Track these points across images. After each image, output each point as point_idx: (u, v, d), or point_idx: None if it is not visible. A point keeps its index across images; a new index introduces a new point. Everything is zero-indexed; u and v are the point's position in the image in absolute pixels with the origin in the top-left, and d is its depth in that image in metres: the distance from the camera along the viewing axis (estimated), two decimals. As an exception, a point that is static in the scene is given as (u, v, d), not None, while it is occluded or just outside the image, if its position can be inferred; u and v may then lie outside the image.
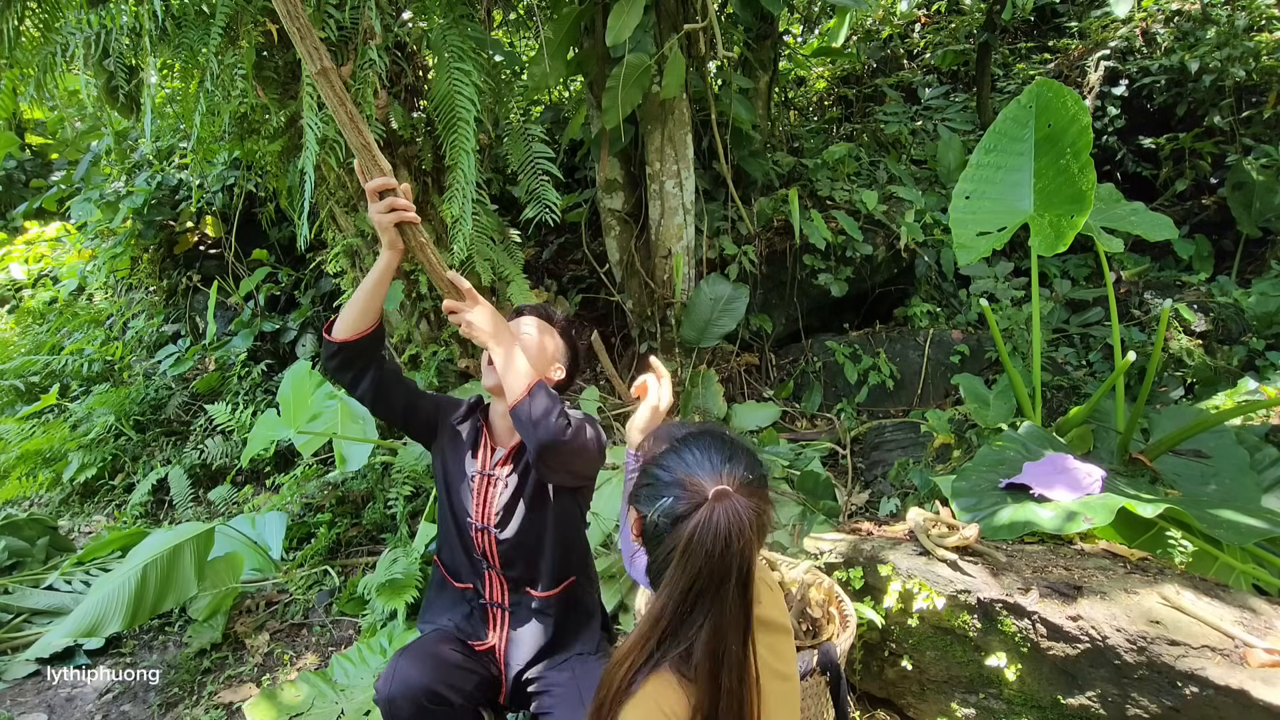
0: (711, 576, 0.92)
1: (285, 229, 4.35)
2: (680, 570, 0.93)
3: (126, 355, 4.58)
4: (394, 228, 1.48)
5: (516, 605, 1.71)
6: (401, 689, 1.54)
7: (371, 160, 1.43)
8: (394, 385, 1.69)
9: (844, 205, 4.13)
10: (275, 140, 2.99)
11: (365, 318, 1.58)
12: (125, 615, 2.23)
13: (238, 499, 3.60)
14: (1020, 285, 4.13)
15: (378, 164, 1.44)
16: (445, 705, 1.56)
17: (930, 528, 1.91)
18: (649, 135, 3.43)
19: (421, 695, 1.54)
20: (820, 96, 6.16)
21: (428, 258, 1.51)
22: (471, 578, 1.73)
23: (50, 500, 3.99)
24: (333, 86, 1.35)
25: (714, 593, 0.92)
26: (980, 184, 2.69)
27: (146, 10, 2.45)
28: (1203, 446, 2.40)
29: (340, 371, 1.64)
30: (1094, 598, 1.56)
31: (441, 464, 1.76)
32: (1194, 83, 4.48)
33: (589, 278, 4.10)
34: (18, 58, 2.69)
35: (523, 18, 4.24)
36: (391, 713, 1.56)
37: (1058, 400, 3.56)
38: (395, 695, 1.54)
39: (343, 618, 2.67)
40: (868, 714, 1.97)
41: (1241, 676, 1.34)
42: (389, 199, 1.46)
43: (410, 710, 1.54)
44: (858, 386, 3.86)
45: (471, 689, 1.63)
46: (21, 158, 6.65)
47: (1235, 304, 3.82)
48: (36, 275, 5.64)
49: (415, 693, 1.54)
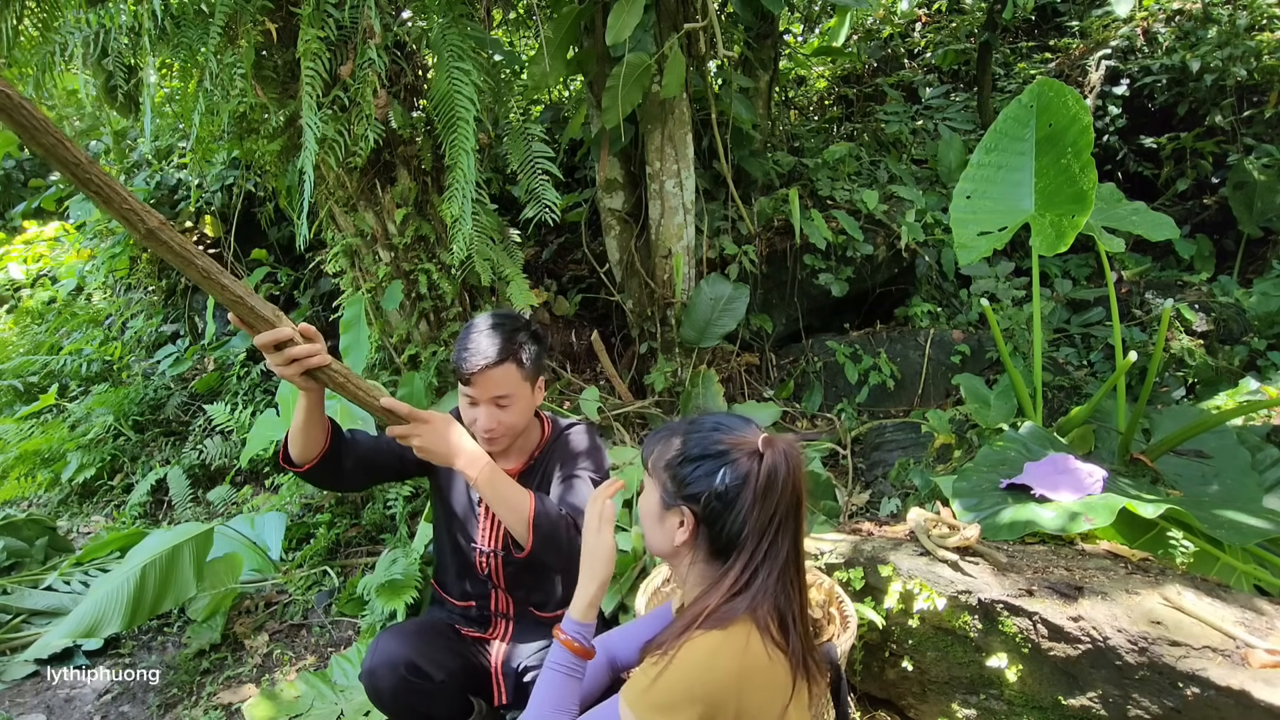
0: (790, 504, 1.08)
1: (284, 229, 4.35)
2: (760, 511, 1.07)
3: (125, 355, 4.57)
4: (301, 376, 1.27)
5: (520, 618, 1.70)
6: (383, 659, 1.53)
7: (250, 312, 1.18)
8: (376, 459, 1.61)
9: (844, 205, 4.13)
10: (274, 140, 2.99)
11: (312, 444, 1.46)
12: (124, 616, 2.23)
13: (237, 499, 3.59)
14: (1021, 285, 4.13)
15: (259, 314, 1.19)
16: (427, 680, 1.55)
17: (931, 528, 1.90)
18: (649, 135, 3.43)
19: (401, 666, 1.52)
20: (821, 96, 6.15)
21: (354, 394, 1.31)
22: (474, 597, 1.73)
23: (49, 500, 3.98)
24: (170, 243, 1.09)
25: (794, 515, 1.10)
26: (981, 184, 2.69)
27: (145, 9, 2.45)
28: (1204, 447, 2.40)
29: (321, 486, 1.61)
30: (1095, 598, 1.56)
31: (441, 493, 1.73)
32: (1195, 82, 4.47)
33: (589, 278, 4.09)
34: (16, 57, 2.68)
35: (522, 17, 4.24)
36: (373, 685, 1.54)
37: (1059, 400, 3.56)
38: (376, 666, 1.53)
39: (342, 618, 2.67)
40: (868, 714, 1.96)
41: (1243, 677, 1.33)
42: (285, 350, 1.22)
43: (391, 681, 1.52)
44: (858, 386, 3.86)
45: (455, 669, 1.61)
46: (20, 157, 6.64)
47: (1237, 304, 3.82)
48: (35, 275, 5.63)
49: (396, 663, 1.52)
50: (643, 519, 1.20)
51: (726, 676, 1.01)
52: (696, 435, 1.14)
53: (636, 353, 3.78)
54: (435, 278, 3.18)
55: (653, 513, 1.17)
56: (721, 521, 1.10)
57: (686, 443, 1.14)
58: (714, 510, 1.10)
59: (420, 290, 3.20)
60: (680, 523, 1.13)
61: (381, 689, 1.54)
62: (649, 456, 1.19)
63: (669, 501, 1.13)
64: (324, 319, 4.29)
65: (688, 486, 1.11)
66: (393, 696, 1.55)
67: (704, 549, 1.13)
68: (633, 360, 3.81)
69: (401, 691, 1.54)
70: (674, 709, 0.99)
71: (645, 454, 1.20)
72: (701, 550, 1.14)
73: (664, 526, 1.15)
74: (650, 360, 3.70)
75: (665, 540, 1.15)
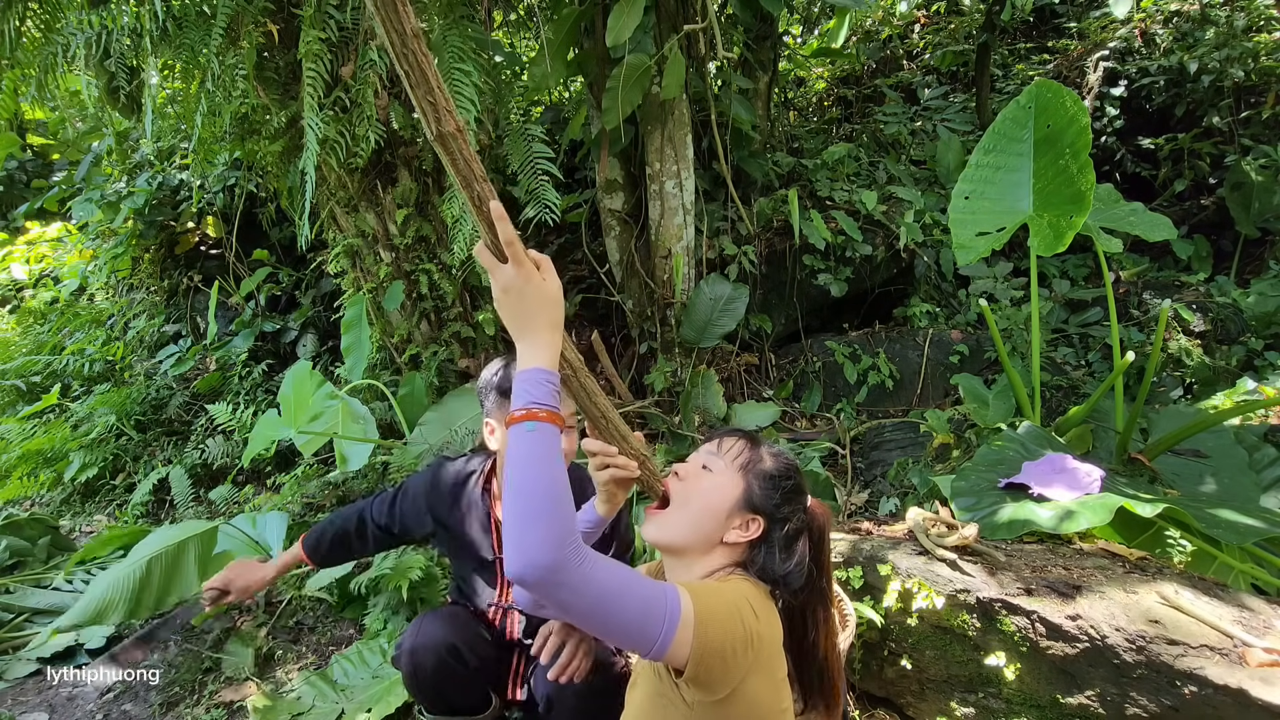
0: (826, 558, 1.23)
1: (286, 229, 4.36)
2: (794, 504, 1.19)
3: (128, 355, 4.58)
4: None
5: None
6: (426, 640, 1.60)
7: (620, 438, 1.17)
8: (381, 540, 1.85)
9: (844, 205, 4.14)
10: (276, 141, 3.00)
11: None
12: (128, 605, 2.23)
13: (239, 499, 3.60)
14: (1019, 285, 4.14)
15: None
16: (462, 665, 1.61)
17: (930, 527, 1.91)
18: (649, 136, 3.44)
19: (443, 648, 1.58)
20: (820, 97, 6.16)
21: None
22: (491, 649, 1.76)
23: (51, 500, 3.99)
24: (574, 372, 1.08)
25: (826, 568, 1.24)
26: (979, 184, 2.70)
27: (147, 11, 2.45)
28: (1201, 446, 2.41)
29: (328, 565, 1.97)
30: (1093, 597, 1.57)
31: (449, 550, 1.81)
32: (1193, 83, 4.48)
33: (589, 278, 4.10)
34: (19, 58, 2.69)
35: (523, 18, 4.25)
36: (414, 663, 1.60)
37: (1057, 400, 3.57)
38: (418, 646, 1.60)
39: (343, 618, 2.67)
40: (867, 713, 1.97)
41: (1240, 676, 1.34)
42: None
43: (432, 661, 1.58)
44: (857, 386, 3.87)
45: (487, 659, 1.67)
46: (23, 158, 6.66)
47: (1234, 304, 3.83)
48: (38, 275, 5.64)
49: (439, 645, 1.59)
50: (697, 499, 1.16)
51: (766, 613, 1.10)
52: (791, 469, 1.21)
53: (636, 353, 3.79)
54: (436, 278, 3.19)
55: (722, 504, 1.16)
56: (781, 548, 1.16)
57: (784, 469, 1.20)
58: (784, 537, 1.17)
59: (421, 290, 3.21)
60: (746, 525, 1.16)
61: (424, 667, 1.59)
62: (731, 452, 1.20)
63: (753, 504, 1.16)
64: (325, 319, 4.30)
65: (779, 507, 1.17)
66: (433, 676, 1.60)
67: (755, 558, 1.17)
68: (633, 360, 3.82)
69: (440, 673, 1.59)
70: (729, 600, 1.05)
71: (735, 451, 1.20)
72: (749, 553, 1.18)
73: (726, 521, 1.16)
74: (650, 360, 3.72)
75: (715, 533, 1.15)
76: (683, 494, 1.18)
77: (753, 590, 1.11)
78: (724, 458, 1.20)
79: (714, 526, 1.15)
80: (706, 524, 1.15)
